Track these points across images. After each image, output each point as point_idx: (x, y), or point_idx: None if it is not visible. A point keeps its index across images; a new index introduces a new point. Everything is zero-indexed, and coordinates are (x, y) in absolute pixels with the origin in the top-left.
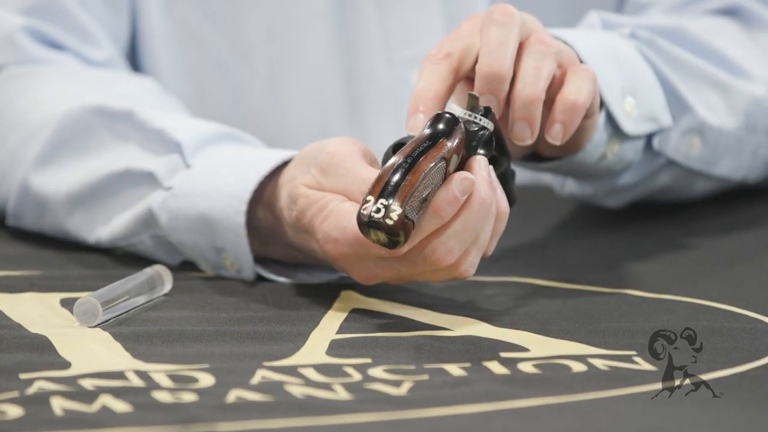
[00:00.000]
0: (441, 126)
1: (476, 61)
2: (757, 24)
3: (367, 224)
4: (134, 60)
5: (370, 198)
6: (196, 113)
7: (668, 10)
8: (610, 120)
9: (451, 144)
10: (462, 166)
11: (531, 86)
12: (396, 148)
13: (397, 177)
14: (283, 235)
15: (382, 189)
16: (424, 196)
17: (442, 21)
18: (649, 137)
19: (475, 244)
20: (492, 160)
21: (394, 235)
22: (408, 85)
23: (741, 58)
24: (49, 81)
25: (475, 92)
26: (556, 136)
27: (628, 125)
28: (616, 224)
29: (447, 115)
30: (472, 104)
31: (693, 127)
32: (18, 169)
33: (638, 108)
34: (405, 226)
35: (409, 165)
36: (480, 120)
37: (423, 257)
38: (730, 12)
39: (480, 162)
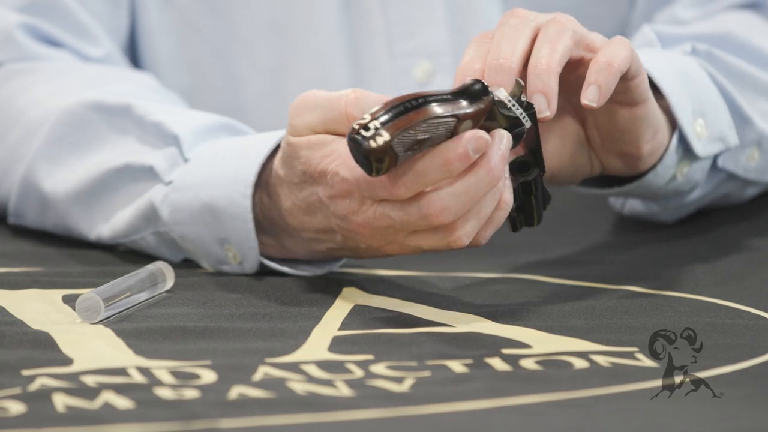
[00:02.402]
0: (471, 89)
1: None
2: None
3: (352, 139)
4: (133, 53)
5: (367, 117)
6: (197, 105)
7: (694, 5)
8: (682, 141)
9: (470, 109)
10: None
11: (545, 58)
12: None
13: (400, 108)
14: (278, 220)
15: (381, 113)
16: (418, 138)
17: (443, 12)
18: (715, 155)
19: (476, 214)
20: (522, 165)
21: (376, 160)
22: (410, 76)
23: None
24: (47, 78)
25: (520, 80)
26: (592, 98)
27: (699, 147)
28: (617, 222)
29: (481, 85)
30: (515, 92)
31: (753, 140)
32: (18, 166)
33: (708, 129)
34: (386, 154)
35: (419, 104)
36: (516, 109)
37: (418, 207)
38: (752, 5)
39: (501, 136)
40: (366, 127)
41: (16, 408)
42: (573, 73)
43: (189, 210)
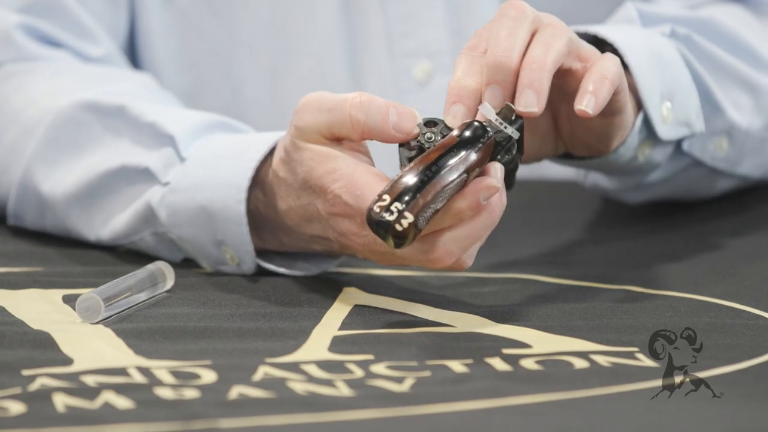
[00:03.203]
0: (472, 137)
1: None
2: (767, 11)
3: (376, 222)
4: (133, 53)
5: (387, 198)
6: (196, 106)
7: None
8: (646, 123)
9: (477, 158)
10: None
11: (540, 56)
12: (427, 124)
13: (417, 184)
14: (274, 217)
15: (400, 193)
16: (438, 207)
17: (443, 12)
18: (680, 139)
19: (477, 244)
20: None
21: (400, 239)
22: (409, 76)
23: (765, 51)
24: (44, 78)
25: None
26: (588, 105)
27: (663, 131)
28: (618, 221)
29: (479, 126)
30: (506, 113)
31: (722, 129)
32: (15, 166)
33: (674, 113)
34: (412, 233)
35: (432, 174)
36: (507, 129)
37: (421, 249)
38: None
39: (497, 171)
40: (389, 210)
41: (16, 408)
42: (558, 80)
43: (186, 213)
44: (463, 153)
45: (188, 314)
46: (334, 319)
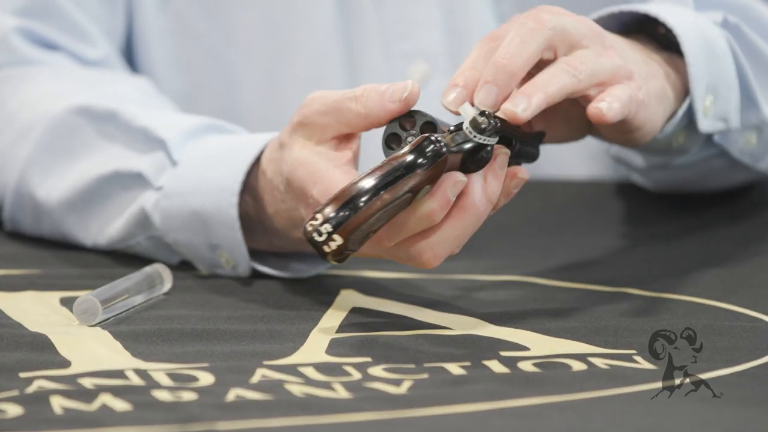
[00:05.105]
0: (423, 154)
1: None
2: None
3: (308, 240)
4: (130, 55)
5: (319, 218)
6: (193, 108)
7: None
8: (687, 113)
9: (426, 176)
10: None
11: (541, 81)
12: (408, 115)
13: (350, 206)
14: (265, 220)
15: (333, 215)
16: (374, 229)
17: (439, 14)
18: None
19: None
20: (503, 141)
21: (331, 259)
22: (406, 77)
23: None
24: (40, 81)
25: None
26: (606, 112)
27: (703, 123)
28: (616, 223)
29: (434, 145)
30: (475, 123)
31: (754, 124)
32: (10, 172)
33: (714, 107)
34: (343, 254)
35: (371, 196)
36: (479, 139)
37: (408, 255)
38: None
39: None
40: (317, 231)
41: (13, 410)
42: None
43: (180, 217)
44: (412, 171)
45: (186, 316)
46: (331, 321)
